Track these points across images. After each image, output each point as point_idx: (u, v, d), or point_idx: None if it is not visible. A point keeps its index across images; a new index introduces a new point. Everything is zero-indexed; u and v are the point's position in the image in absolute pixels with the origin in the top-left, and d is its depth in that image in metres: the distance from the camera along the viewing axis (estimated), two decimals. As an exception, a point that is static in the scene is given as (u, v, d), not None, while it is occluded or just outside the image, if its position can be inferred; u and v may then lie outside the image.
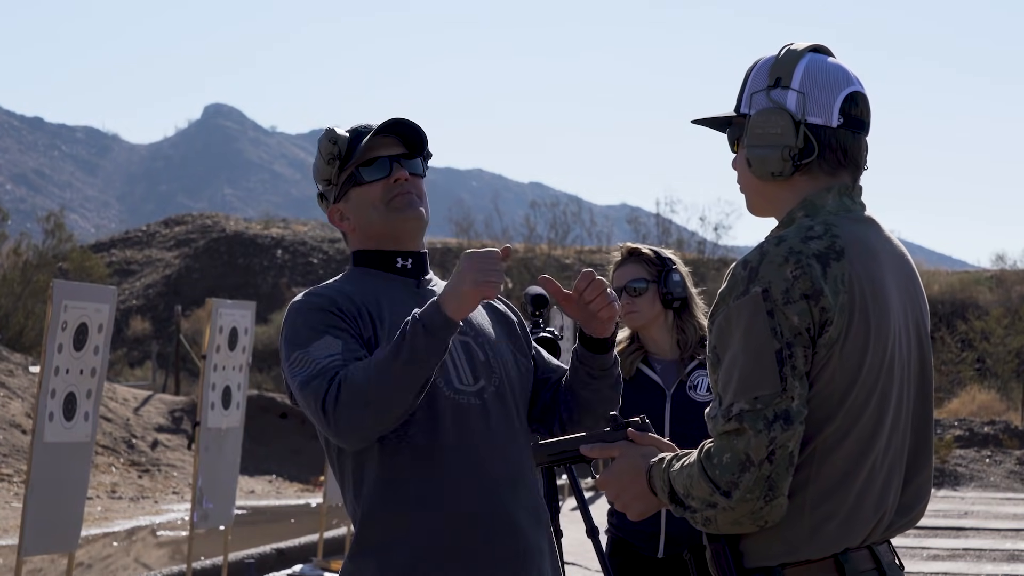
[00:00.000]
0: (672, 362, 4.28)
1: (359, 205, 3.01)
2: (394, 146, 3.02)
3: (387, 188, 2.99)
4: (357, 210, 3.01)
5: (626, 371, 4.24)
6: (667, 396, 4.23)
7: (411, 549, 2.85)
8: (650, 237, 41.35)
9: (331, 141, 3.00)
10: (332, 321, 2.87)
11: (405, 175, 3.00)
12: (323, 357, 2.80)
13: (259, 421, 19.23)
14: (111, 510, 15.34)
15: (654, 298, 4.28)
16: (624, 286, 4.31)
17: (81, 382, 7.00)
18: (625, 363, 4.26)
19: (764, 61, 2.52)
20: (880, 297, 2.39)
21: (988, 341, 28.66)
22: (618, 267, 4.39)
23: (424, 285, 3.04)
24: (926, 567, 10.53)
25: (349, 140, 3.01)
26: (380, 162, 2.99)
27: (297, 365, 2.84)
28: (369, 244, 3.04)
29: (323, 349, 2.82)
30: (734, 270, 2.38)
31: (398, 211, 2.98)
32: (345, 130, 3.03)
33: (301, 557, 11.07)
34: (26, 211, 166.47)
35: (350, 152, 3.00)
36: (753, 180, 2.51)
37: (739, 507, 2.29)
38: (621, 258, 4.39)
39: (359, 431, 2.75)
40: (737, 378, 2.32)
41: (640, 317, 4.28)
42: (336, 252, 42.31)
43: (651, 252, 4.36)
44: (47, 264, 29.98)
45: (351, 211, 3.02)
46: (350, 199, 3.02)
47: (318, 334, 2.85)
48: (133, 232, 50.27)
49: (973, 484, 16.53)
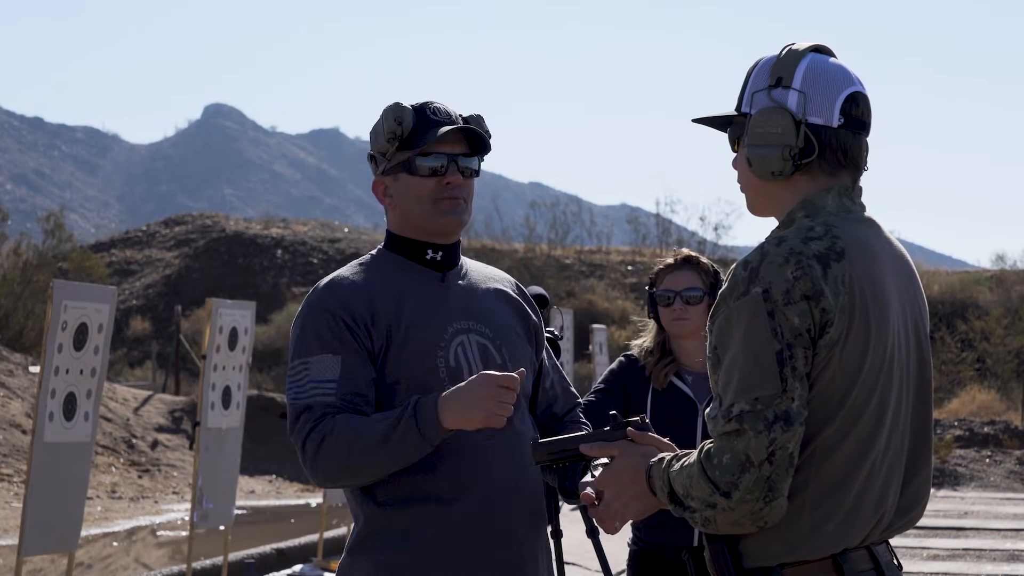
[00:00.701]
0: (702, 375, 4.24)
1: (406, 192, 2.98)
2: (456, 142, 2.99)
3: (438, 187, 2.97)
4: (403, 196, 2.99)
5: (660, 382, 4.23)
6: (699, 410, 4.21)
7: (412, 548, 2.85)
8: (650, 237, 41.39)
9: (396, 121, 2.95)
10: (340, 333, 2.88)
11: (459, 179, 2.97)
12: (319, 382, 2.84)
13: (259, 421, 19.22)
14: (111, 510, 15.34)
15: (705, 310, 4.20)
16: (680, 292, 4.24)
17: (81, 382, 7.00)
18: (660, 375, 4.24)
19: (765, 60, 2.52)
20: (880, 298, 2.39)
21: (988, 341, 28.66)
22: (671, 271, 4.28)
23: (451, 278, 3.03)
24: (926, 567, 10.53)
25: (414, 123, 2.96)
26: (438, 157, 2.96)
27: (295, 376, 2.89)
28: (405, 231, 3.02)
29: (321, 371, 2.85)
30: (735, 271, 2.38)
31: (442, 214, 2.97)
32: (412, 105, 2.98)
33: (301, 557, 11.07)
34: (26, 211, 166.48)
35: (412, 136, 2.96)
36: (753, 179, 2.51)
37: (739, 508, 2.29)
38: (675, 262, 4.30)
39: (331, 482, 2.86)
40: (737, 379, 2.31)
41: (689, 325, 4.22)
42: (336, 252, 42.31)
43: (708, 263, 4.33)
44: (47, 264, 29.98)
45: (397, 193, 3.00)
46: (399, 181, 2.99)
47: (322, 348, 2.87)
48: (133, 232, 50.26)
49: (973, 484, 16.54)
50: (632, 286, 38.26)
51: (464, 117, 3.02)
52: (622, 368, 4.34)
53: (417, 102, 2.99)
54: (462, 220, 3.00)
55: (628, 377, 4.30)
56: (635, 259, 41.36)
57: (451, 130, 2.95)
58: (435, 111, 2.98)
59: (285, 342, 32.48)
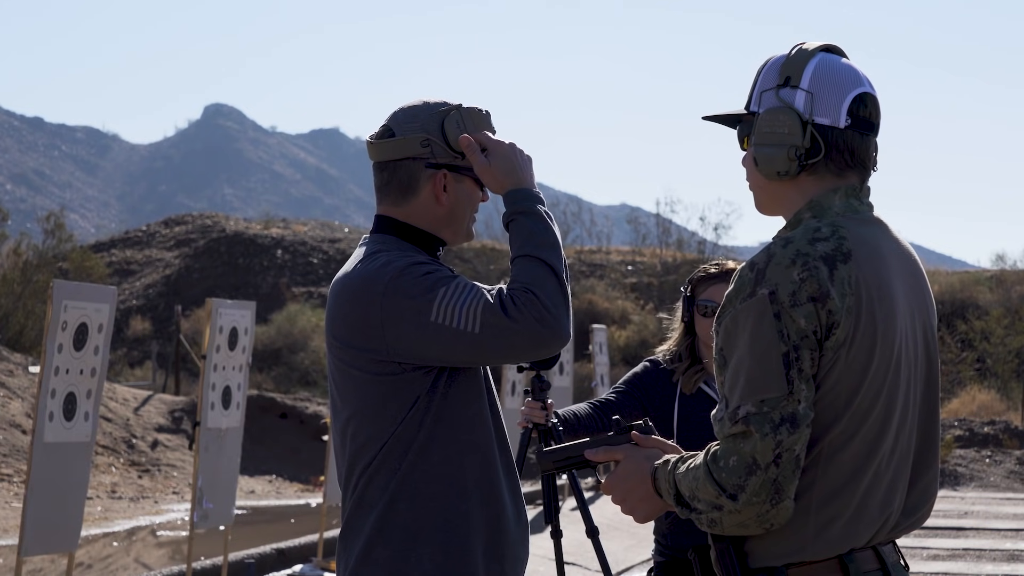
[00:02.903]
0: None
1: (465, 198, 2.98)
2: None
3: (477, 203, 3.01)
4: (460, 198, 2.97)
5: (689, 387, 4.22)
6: None
7: (463, 547, 2.85)
8: (650, 237, 41.40)
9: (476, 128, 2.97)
10: (444, 270, 2.85)
11: (488, 197, 3.04)
12: (475, 286, 2.78)
13: (259, 421, 19.23)
14: (111, 510, 15.33)
15: None
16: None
17: (81, 382, 6.99)
18: (690, 380, 4.22)
19: (775, 59, 2.51)
20: (887, 299, 2.39)
21: (988, 341, 28.67)
22: (713, 282, 4.25)
23: None
24: (926, 567, 10.52)
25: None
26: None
27: (458, 292, 2.77)
28: (431, 227, 2.98)
29: (466, 282, 2.80)
30: (741, 272, 2.37)
31: (467, 235, 3.02)
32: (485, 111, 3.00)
33: (301, 557, 11.06)
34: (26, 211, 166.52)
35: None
36: (760, 178, 2.51)
37: (745, 510, 2.28)
38: (718, 273, 4.26)
39: (567, 320, 2.77)
40: (744, 380, 2.31)
41: None
42: (336, 252, 42.30)
43: None
44: (47, 264, 30.00)
45: (455, 193, 2.97)
46: (463, 184, 2.97)
47: (445, 275, 2.82)
48: (133, 232, 50.28)
49: (973, 484, 16.53)
50: (632, 286, 38.27)
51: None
52: (646, 372, 4.32)
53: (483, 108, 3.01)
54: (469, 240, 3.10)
55: (652, 381, 4.28)
56: (635, 259, 41.37)
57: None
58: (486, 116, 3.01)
59: (285, 342, 32.52)
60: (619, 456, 2.52)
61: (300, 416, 20.50)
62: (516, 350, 2.75)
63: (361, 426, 2.87)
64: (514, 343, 2.73)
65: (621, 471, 2.50)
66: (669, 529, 4.18)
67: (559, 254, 2.81)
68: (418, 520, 2.83)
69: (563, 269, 2.79)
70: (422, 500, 2.84)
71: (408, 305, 2.77)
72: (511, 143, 2.91)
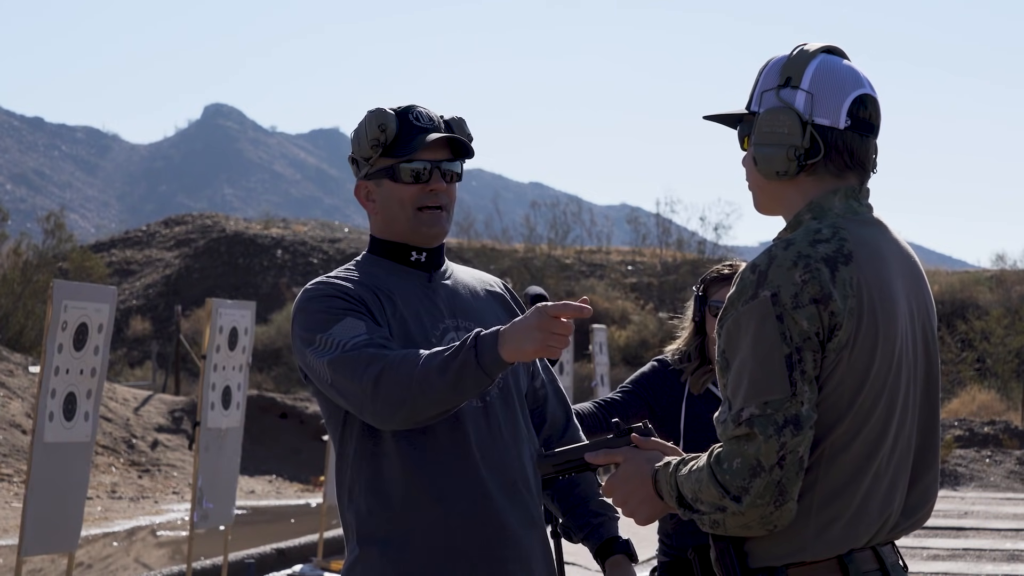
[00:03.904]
0: None
1: (389, 198, 2.98)
2: (439, 148, 2.98)
3: (421, 193, 2.96)
4: (385, 201, 2.98)
5: (697, 388, 4.20)
6: None
7: (412, 548, 2.85)
8: (650, 237, 41.42)
9: (379, 128, 2.94)
10: (348, 305, 2.85)
11: (442, 185, 2.97)
12: (350, 337, 2.77)
13: (259, 421, 19.23)
14: (111, 510, 15.34)
15: None
16: None
17: (81, 382, 6.99)
18: (698, 381, 4.21)
19: (776, 60, 2.52)
20: (888, 300, 2.39)
21: (988, 341, 28.69)
22: (725, 282, 4.20)
23: (437, 279, 3.03)
24: (926, 567, 10.52)
25: (397, 129, 2.95)
26: (420, 163, 2.95)
27: (323, 346, 2.79)
28: (388, 235, 3.01)
29: (348, 331, 2.79)
30: (742, 274, 2.37)
31: (423, 225, 2.97)
32: (394, 110, 2.96)
33: (301, 557, 11.07)
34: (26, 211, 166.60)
35: (395, 143, 2.95)
36: (759, 178, 2.51)
37: (749, 512, 2.28)
38: (730, 274, 4.22)
39: (398, 416, 2.72)
40: (747, 383, 2.31)
41: None
42: (336, 252, 42.31)
43: None
44: (47, 264, 30.00)
45: (380, 198, 2.99)
46: (382, 187, 2.98)
47: (337, 317, 2.82)
48: (133, 232, 50.28)
49: (973, 484, 16.54)
50: (632, 286, 38.29)
51: (446, 120, 3.02)
52: (654, 372, 4.30)
53: (399, 107, 2.98)
54: (444, 229, 3.00)
55: (660, 382, 4.26)
56: (635, 259, 41.39)
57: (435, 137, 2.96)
58: (418, 116, 2.97)
59: (285, 342, 32.50)
60: (619, 459, 2.52)
61: (300, 416, 20.51)
62: (350, 407, 2.80)
63: (329, 429, 2.96)
64: (348, 402, 2.78)
65: (622, 473, 2.50)
66: (673, 529, 4.17)
67: (440, 378, 2.66)
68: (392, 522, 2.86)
69: (433, 386, 2.67)
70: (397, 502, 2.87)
71: (296, 332, 2.89)
72: (552, 315, 2.63)
